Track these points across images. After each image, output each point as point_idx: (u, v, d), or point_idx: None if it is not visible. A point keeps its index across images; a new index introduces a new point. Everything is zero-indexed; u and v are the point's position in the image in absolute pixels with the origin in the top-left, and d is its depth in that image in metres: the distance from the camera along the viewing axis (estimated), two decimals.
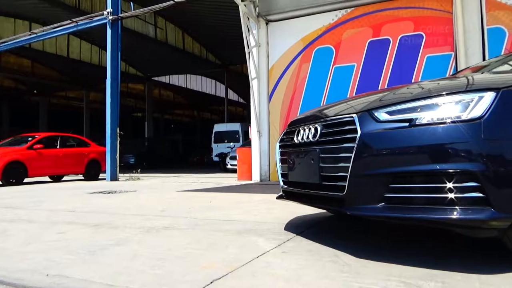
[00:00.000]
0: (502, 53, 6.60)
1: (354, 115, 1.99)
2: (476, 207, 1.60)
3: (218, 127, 19.57)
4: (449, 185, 1.64)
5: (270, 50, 8.98)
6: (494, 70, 3.05)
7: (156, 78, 27.96)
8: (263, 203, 4.41)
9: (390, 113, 1.88)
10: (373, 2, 7.99)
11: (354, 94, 7.86)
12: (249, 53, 8.65)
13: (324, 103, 8.03)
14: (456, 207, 1.62)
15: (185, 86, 30.99)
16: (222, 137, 18.67)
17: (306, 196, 2.41)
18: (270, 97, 8.91)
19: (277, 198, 2.82)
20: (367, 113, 1.94)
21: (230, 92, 32.33)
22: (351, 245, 2.22)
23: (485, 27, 7.07)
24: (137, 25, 19.27)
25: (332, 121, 2.17)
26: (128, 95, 29.33)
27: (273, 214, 3.53)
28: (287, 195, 2.68)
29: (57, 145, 10.53)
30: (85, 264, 2.00)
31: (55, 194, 6.41)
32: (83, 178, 11.24)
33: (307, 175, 2.30)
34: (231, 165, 13.58)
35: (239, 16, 8.29)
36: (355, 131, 1.92)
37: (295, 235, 2.57)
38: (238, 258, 2.02)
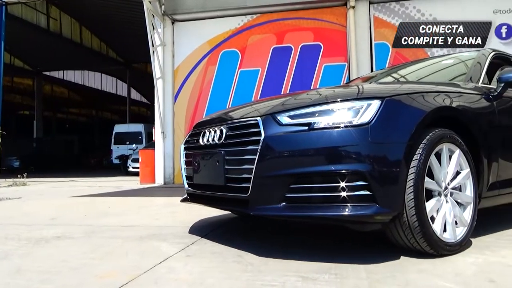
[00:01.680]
0: (387, 66, 7.45)
1: (258, 118, 2.05)
2: (364, 203, 1.76)
3: (119, 128, 18.54)
4: (342, 184, 1.78)
5: (176, 50, 8.81)
6: (380, 80, 3.42)
7: (47, 73, 25.34)
8: (167, 207, 4.29)
9: (291, 117, 1.97)
10: (277, 11, 8.36)
11: (258, 98, 8.12)
12: (153, 52, 8.37)
13: (230, 106, 8.15)
14: (348, 204, 1.77)
15: (82, 83, 28.67)
16: (123, 138, 17.71)
17: (211, 198, 2.41)
18: (175, 98, 8.73)
19: (182, 201, 2.76)
20: (270, 117, 2.02)
21: (133, 91, 30.85)
22: (254, 245, 2.28)
23: (373, 42, 7.91)
24: (26, 13, 17.21)
25: (237, 124, 2.21)
26: (13, 90, 26.06)
27: (177, 218, 3.45)
28: (191, 198, 2.65)
29: None
30: None
31: None
32: None
33: (212, 177, 2.30)
34: (133, 167, 12.97)
35: (144, 13, 7.96)
36: (259, 133, 1.98)
37: (199, 237, 2.55)
38: (140, 265, 1.93)
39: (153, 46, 8.30)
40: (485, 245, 2.19)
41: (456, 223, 2.05)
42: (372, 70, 7.66)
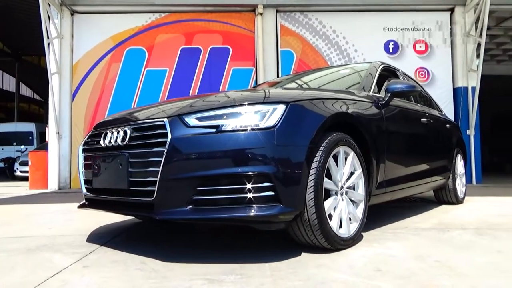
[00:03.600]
0: (291, 72, 7.85)
1: (165, 119, 1.99)
2: (269, 204, 1.83)
3: (4, 127, 16.46)
4: (248, 186, 1.82)
5: (76, 44, 8.15)
6: (285, 86, 3.59)
7: None
8: (61, 214, 3.93)
9: (199, 119, 1.96)
10: (186, 11, 8.26)
11: (166, 99, 7.91)
12: (48, 44, 7.63)
13: (135, 106, 7.79)
14: (254, 205, 1.81)
15: None
16: (10, 138, 15.76)
17: (112, 203, 2.27)
18: (73, 95, 8.07)
19: (79, 207, 2.55)
20: (177, 118, 1.97)
21: (23, 86, 27.68)
22: (159, 251, 2.20)
23: (279, 49, 8.27)
24: None
25: (143, 125, 2.12)
26: None
27: (73, 226, 3.18)
28: (90, 204, 2.46)
29: None
30: None
31: None
32: None
33: (115, 180, 2.17)
34: (21, 171, 11.64)
35: (38, 0, 7.21)
36: (165, 135, 1.92)
37: (99, 246, 2.37)
38: (28, 280, 1.73)
39: (48, 38, 7.56)
40: (374, 238, 2.43)
41: (350, 219, 2.24)
42: (278, 76, 8.00)
